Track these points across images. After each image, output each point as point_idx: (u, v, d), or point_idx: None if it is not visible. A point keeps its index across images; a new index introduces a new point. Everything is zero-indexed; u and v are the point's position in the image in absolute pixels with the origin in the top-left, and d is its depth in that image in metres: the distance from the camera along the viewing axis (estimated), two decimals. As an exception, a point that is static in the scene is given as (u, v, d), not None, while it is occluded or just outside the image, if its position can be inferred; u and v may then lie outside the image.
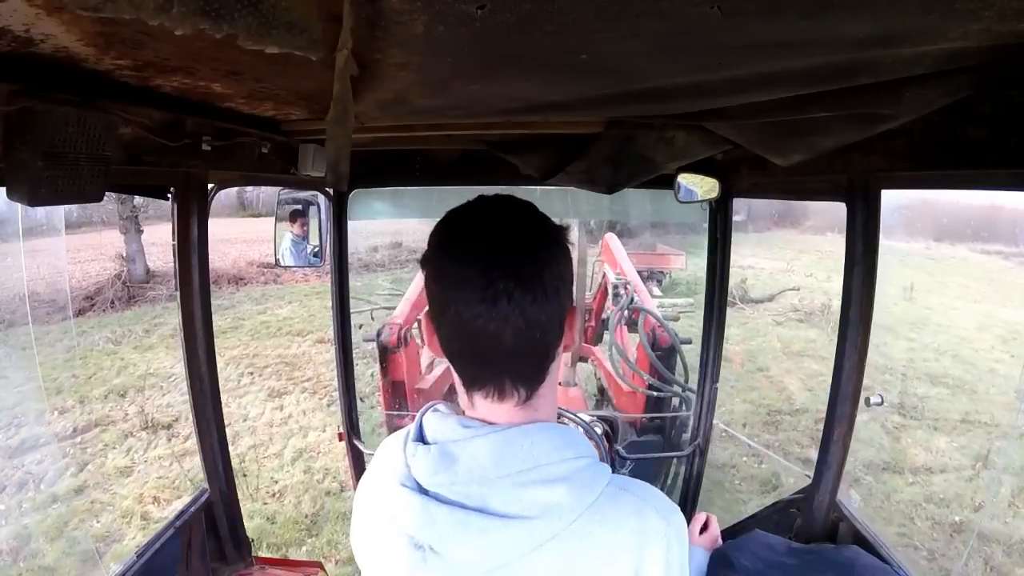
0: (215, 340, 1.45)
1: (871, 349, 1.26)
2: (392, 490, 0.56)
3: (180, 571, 1.38)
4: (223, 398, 1.51)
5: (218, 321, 8.67)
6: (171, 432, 5.42)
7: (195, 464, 4.08)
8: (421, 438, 0.58)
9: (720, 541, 1.08)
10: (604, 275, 4.24)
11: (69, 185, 0.72)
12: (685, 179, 1.62)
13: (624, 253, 4.33)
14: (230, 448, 1.54)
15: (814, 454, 1.43)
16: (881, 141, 0.98)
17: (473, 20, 0.48)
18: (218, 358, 1.49)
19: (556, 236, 0.56)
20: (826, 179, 1.26)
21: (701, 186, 1.64)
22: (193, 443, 4.42)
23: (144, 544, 1.31)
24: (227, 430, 1.52)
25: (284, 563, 1.83)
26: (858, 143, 0.96)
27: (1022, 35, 0.55)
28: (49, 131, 0.68)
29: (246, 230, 15.11)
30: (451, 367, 0.58)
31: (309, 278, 12.21)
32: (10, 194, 0.70)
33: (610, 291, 3.74)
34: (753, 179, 1.59)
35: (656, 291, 9.47)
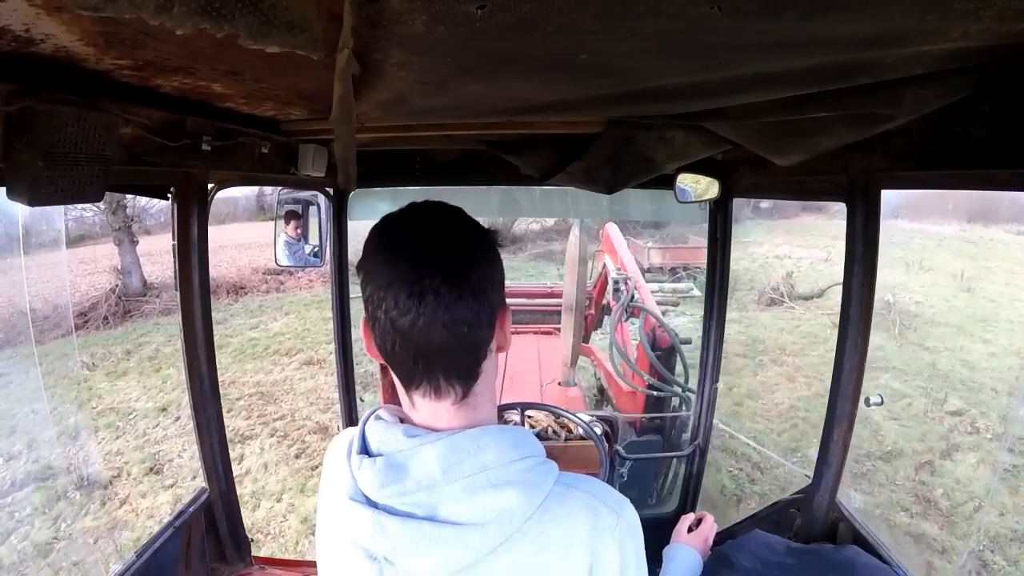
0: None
1: (947, 357, 1.23)
2: (341, 503, 0.57)
3: (180, 571, 1.38)
4: (181, 440, 1.49)
5: None
6: (107, 493, 4.41)
7: (131, 539, 3.73)
8: (365, 449, 0.58)
9: (711, 541, 1.06)
10: (604, 265, 4.21)
11: (69, 185, 0.72)
12: (685, 179, 1.62)
13: (624, 244, 4.29)
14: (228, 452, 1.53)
15: (929, 527, 1.32)
16: (881, 141, 0.98)
17: (473, 20, 0.48)
18: (184, 395, 1.46)
19: (485, 239, 0.58)
20: (826, 179, 1.26)
21: (701, 186, 1.64)
22: (135, 507, 3.99)
23: (144, 544, 1.31)
24: (170, 492, 1.46)
25: (284, 563, 1.83)
26: (858, 143, 0.96)
27: (1022, 35, 0.55)
28: (49, 131, 0.68)
29: (263, 234, 14.64)
30: (389, 369, 0.59)
31: (314, 284, 11.79)
32: (10, 194, 0.70)
33: (610, 285, 3.73)
34: (753, 179, 1.59)
35: (696, 291, 8.82)
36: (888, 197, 1.15)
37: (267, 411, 6.01)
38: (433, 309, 0.52)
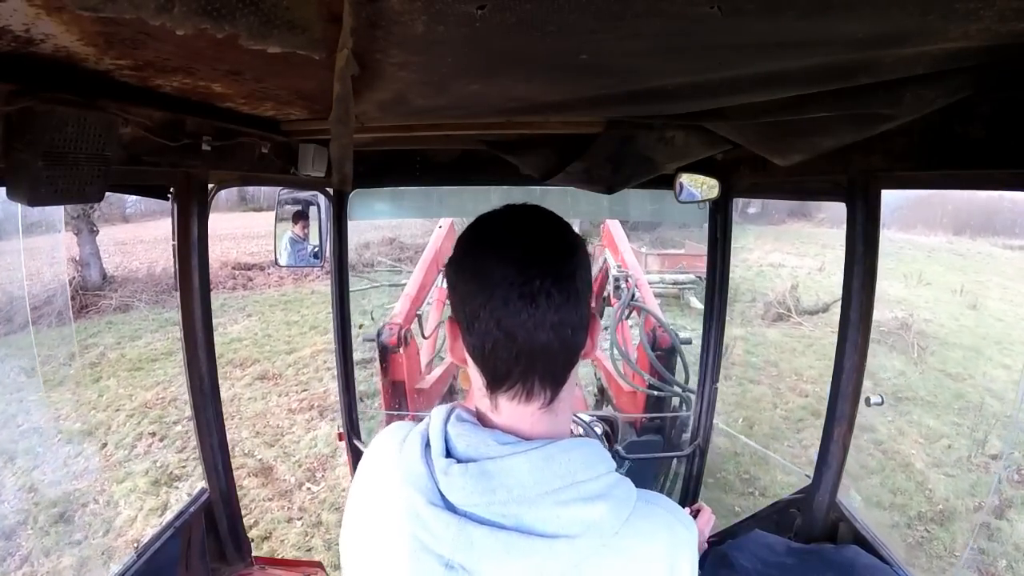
0: (137, 369, 1.39)
1: (973, 386, 1.20)
2: (416, 508, 0.54)
3: (180, 571, 1.38)
4: (102, 478, 1.40)
5: (155, 344, 7.49)
6: (9, 546, 3.59)
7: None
8: (450, 452, 0.56)
9: (707, 533, 1.07)
10: (604, 260, 4.21)
11: (69, 185, 0.72)
12: (685, 179, 1.62)
13: (625, 240, 4.28)
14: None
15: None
16: (881, 141, 0.98)
17: (473, 20, 0.48)
18: (117, 413, 1.40)
19: (582, 244, 0.58)
20: (826, 179, 1.26)
21: (701, 186, 1.64)
22: (35, 570, 3.32)
23: (144, 544, 1.31)
24: (76, 551, 1.32)
25: (284, 563, 1.83)
26: (858, 143, 0.96)
27: (1022, 35, 0.55)
28: (49, 131, 0.68)
29: (243, 225, 14.34)
30: (476, 370, 0.58)
31: (284, 282, 11.11)
32: (10, 194, 0.70)
33: (611, 282, 3.72)
34: (753, 179, 1.59)
35: (695, 302, 8.38)
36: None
37: (195, 453, 4.55)
38: (544, 311, 0.52)
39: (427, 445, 0.57)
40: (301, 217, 2.04)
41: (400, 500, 0.56)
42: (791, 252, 13.89)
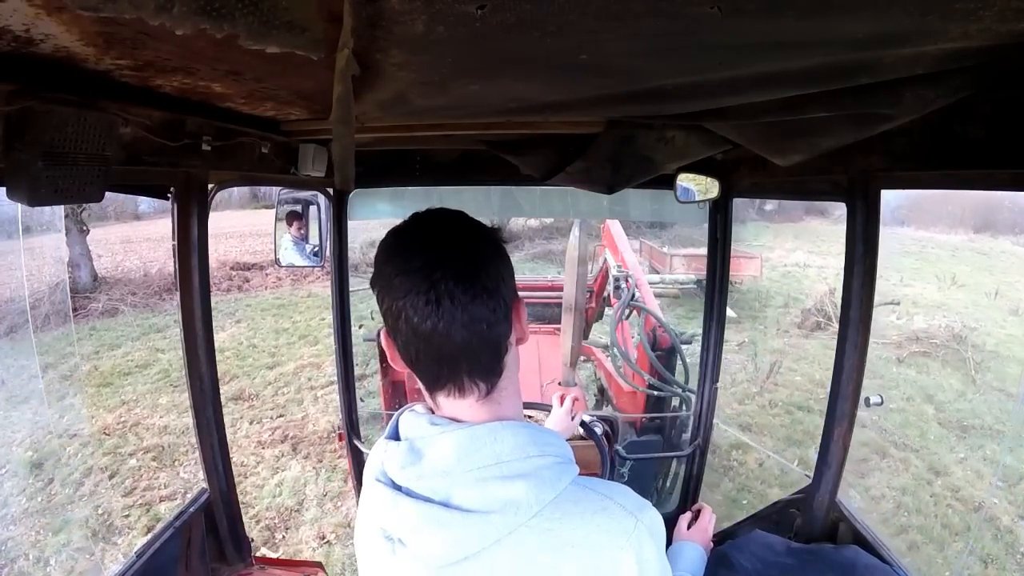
0: (110, 385, 1.33)
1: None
2: (370, 485, 0.61)
3: (180, 571, 1.38)
4: (39, 522, 1.24)
5: (133, 354, 6.93)
6: None
7: None
8: (395, 435, 0.62)
9: (711, 532, 1.06)
10: (605, 260, 4.20)
11: (69, 185, 0.72)
12: (685, 179, 1.62)
13: (625, 239, 4.26)
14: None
15: None
16: (881, 141, 0.98)
17: (473, 20, 0.48)
18: (72, 440, 1.26)
19: (490, 237, 0.60)
20: (826, 179, 1.26)
21: (701, 186, 1.64)
22: None
23: (144, 544, 1.31)
24: None
25: (284, 563, 1.83)
26: (858, 143, 0.96)
27: (1022, 35, 0.55)
28: (49, 131, 0.68)
29: (251, 222, 13.90)
30: (414, 375, 0.61)
31: (282, 283, 10.67)
32: (10, 194, 0.70)
33: (611, 282, 3.72)
34: (753, 179, 1.59)
35: (730, 312, 7.89)
36: (891, 201, 1.15)
37: (156, 482, 4.18)
38: (451, 312, 0.54)
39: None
40: (296, 218, 2.05)
41: (367, 484, 0.63)
42: (813, 251, 13.18)
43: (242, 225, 13.90)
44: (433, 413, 0.62)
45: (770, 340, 7.43)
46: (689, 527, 1.05)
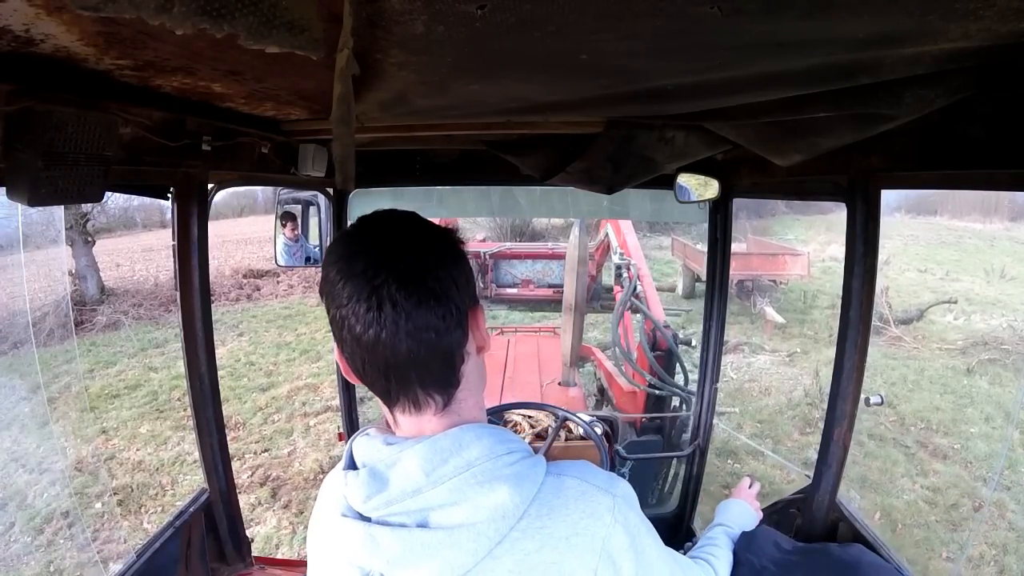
0: (89, 406, 1.30)
1: None
2: (335, 522, 0.56)
3: (180, 571, 1.38)
4: None
5: (126, 372, 6.46)
6: None
7: None
8: (352, 465, 0.57)
9: (758, 503, 1.16)
10: (606, 235, 4.15)
11: (69, 185, 0.72)
12: (685, 179, 1.62)
13: (630, 223, 4.23)
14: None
15: None
16: (881, 141, 0.98)
17: (473, 20, 0.48)
18: (42, 476, 1.10)
19: (441, 239, 0.56)
20: (826, 179, 1.26)
21: (701, 186, 1.64)
22: None
23: (144, 544, 1.32)
24: None
25: (284, 563, 1.83)
26: (858, 143, 0.96)
27: (1022, 35, 0.55)
28: (49, 131, 0.68)
29: (271, 228, 13.43)
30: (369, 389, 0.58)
31: (293, 291, 10.40)
32: (10, 194, 0.70)
33: (612, 268, 3.70)
34: (753, 179, 1.59)
35: (777, 318, 6.81)
36: (919, 191, 1.14)
37: (116, 534, 3.87)
38: (394, 319, 0.50)
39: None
40: (290, 219, 2.05)
41: (328, 520, 0.58)
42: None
43: (263, 231, 13.30)
44: (393, 432, 0.58)
45: (823, 349, 6.55)
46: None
